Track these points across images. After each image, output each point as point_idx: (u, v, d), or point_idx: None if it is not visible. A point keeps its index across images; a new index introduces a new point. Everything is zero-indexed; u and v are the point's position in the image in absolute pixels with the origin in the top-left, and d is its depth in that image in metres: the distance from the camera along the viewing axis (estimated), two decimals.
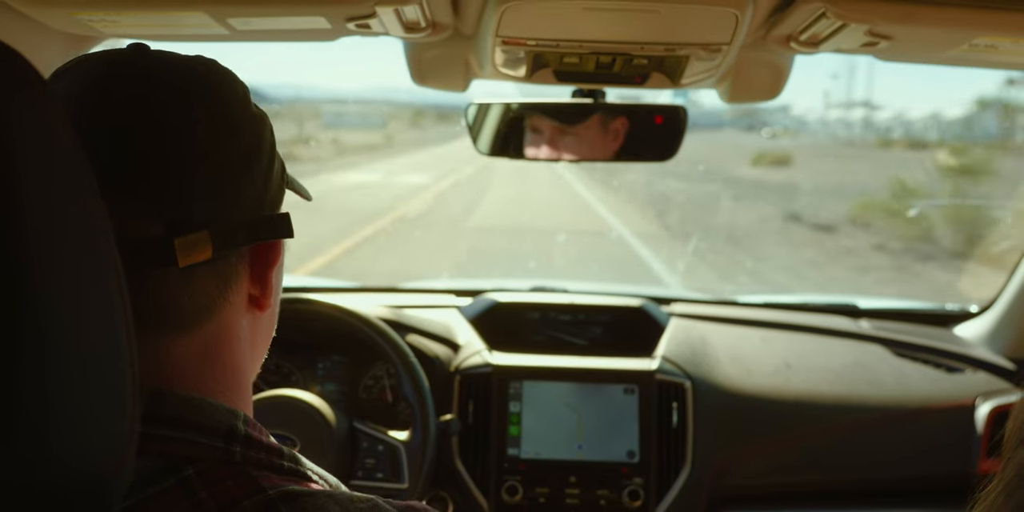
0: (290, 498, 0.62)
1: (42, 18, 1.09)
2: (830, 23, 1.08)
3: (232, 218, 0.67)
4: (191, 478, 0.62)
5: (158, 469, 0.62)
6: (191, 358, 0.68)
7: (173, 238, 0.63)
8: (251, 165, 0.69)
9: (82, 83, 0.66)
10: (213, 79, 0.69)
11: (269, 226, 0.70)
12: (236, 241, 0.67)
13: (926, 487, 1.78)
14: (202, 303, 0.67)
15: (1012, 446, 0.45)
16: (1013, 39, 1.10)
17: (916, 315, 2.18)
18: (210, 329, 0.69)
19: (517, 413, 1.71)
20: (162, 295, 0.65)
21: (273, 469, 0.66)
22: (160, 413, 0.63)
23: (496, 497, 1.67)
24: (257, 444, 0.67)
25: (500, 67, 1.33)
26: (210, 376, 0.69)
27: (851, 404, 1.79)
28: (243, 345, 0.73)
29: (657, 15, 1.08)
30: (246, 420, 0.68)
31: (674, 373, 1.75)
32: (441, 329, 1.84)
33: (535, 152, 1.50)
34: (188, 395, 0.66)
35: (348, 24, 1.11)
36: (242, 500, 0.61)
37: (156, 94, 0.66)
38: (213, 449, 0.64)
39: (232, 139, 0.67)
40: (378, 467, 1.60)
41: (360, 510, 0.64)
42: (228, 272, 0.68)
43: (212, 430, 0.65)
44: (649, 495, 1.66)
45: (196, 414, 0.65)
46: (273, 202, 0.72)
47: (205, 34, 1.16)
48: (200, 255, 0.64)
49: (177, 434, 0.63)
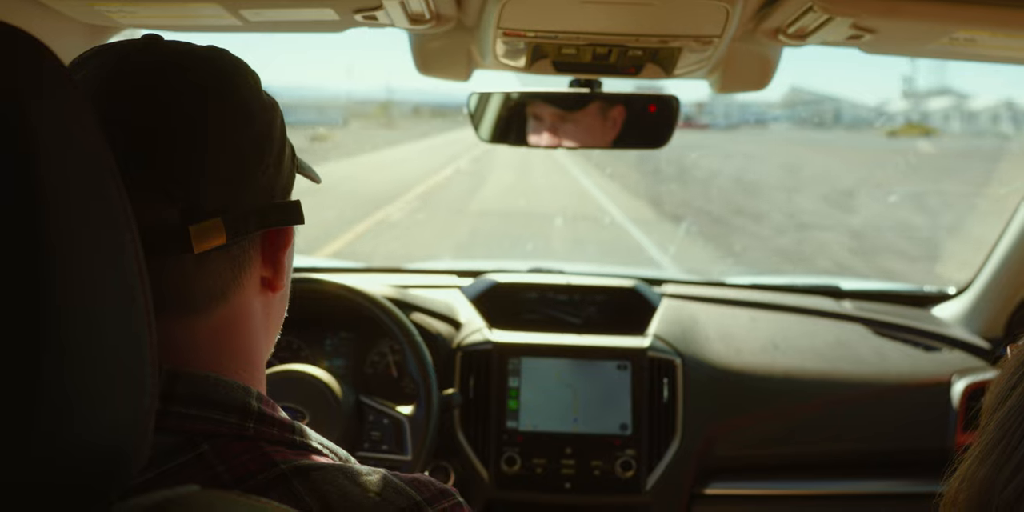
0: (302, 472, 0.63)
1: (64, 9, 1.10)
2: (817, 17, 1.08)
3: (244, 205, 0.66)
4: (207, 453, 0.62)
5: (176, 444, 0.62)
6: (207, 339, 0.68)
7: (187, 225, 0.63)
8: (262, 153, 0.68)
9: (98, 74, 0.66)
10: (225, 69, 0.68)
11: (279, 212, 0.70)
12: (248, 227, 0.67)
13: (904, 459, 1.80)
14: (216, 286, 0.67)
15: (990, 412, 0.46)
16: (991, 33, 1.10)
17: (896, 296, 2.19)
18: (224, 311, 0.68)
19: (516, 388, 1.73)
20: (178, 280, 0.65)
21: (285, 444, 0.67)
22: (177, 391, 0.64)
23: (496, 467, 1.68)
24: (270, 420, 0.67)
25: (501, 58, 1.33)
26: (225, 356, 0.69)
27: (834, 381, 1.80)
28: (256, 325, 0.72)
29: (652, 8, 1.08)
30: (259, 397, 0.68)
31: (665, 350, 1.76)
32: (444, 308, 1.85)
33: (537, 139, 1.50)
34: (204, 374, 0.66)
35: (356, 15, 1.11)
36: (256, 474, 0.62)
37: (169, 84, 0.65)
38: (228, 425, 0.64)
39: (243, 128, 0.67)
40: (383, 439, 1.61)
41: (369, 483, 0.64)
42: (241, 256, 0.68)
43: (227, 407, 0.65)
44: (641, 466, 1.68)
45: (212, 392, 0.65)
46: (284, 188, 0.72)
47: (219, 24, 1.16)
48: (214, 241, 0.64)
49: (194, 411, 0.63)
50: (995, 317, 1.98)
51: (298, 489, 0.61)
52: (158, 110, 0.64)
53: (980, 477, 0.44)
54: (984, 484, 0.43)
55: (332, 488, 0.62)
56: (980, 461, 0.44)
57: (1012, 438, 0.42)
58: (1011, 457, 0.42)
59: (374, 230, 10.50)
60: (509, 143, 1.53)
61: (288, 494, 0.61)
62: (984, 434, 0.45)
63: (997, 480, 0.42)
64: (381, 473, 0.66)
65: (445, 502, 0.66)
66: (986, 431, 0.45)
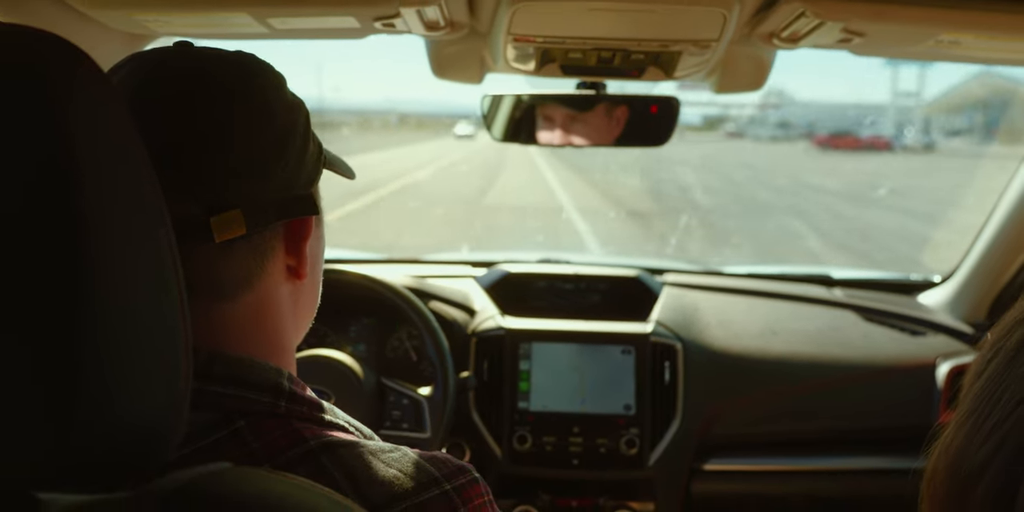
0: (329, 448, 0.63)
1: (103, 19, 1.10)
2: (809, 21, 1.07)
3: (264, 198, 0.67)
4: (242, 429, 0.63)
5: (213, 421, 0.63)
6: (238, 323, 0.68)
7: (209, 217, 0.63)
8: (284, 150, 0.68)
9: (134, 77, 0.66)
10: (250, 71, 0.69)
11: (297, 205, 0.70)
12: (267, 219, 0.67)
13: (892, 437, 1.79)
14: (241, 274, 0.67)
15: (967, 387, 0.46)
16: (975, 35, 1.10)
17: (884, 284, 2.18)
18: (251, 297, 0.69)
19: (527, 371, 1.73)
20: (205, 268, 0.65)
21: (314, 421, 0.67)
22: (214, 372, 0.64)
23: (508, 445, 1.69)
24: (300, 399, 0.67)
25: (511, 62, 1.33)
26: (256, 339, 0.69)
27: (825, 364, 1.79)
28: (284, 311, 0.72)
29: (653, 14, 1.08)
30: (290, 377, 0.68)
31: (666, 335, 1.76)
32: (459, 296, 1.86)
33: (548, 137, 1.50)
34: (239, 356, 0.66)
35: (375, 23, 1.11)
36: (287, 450, 0.62)
37: (197, 87, 0.65)
38: (261, 404, 0.65)
39: (266, 127, 0.67)
40: (403, 418, 1.62)
41: (391, 459, 0.64)
42: (264, 246, 0.68)
43: (260, 387, 0.65)
44: (644, 443, 1.68)
45: (246, 373, 0.66)
46: (307, 182, 0.72)
47: (248, 32, 1.16)
48: (235, 231, 0.64)
49: (230, 391, 0.64)
50: (978, 303, 1.97)
51: (325, 464, 0.62)
52: (188, 114, 0.64)
53: (954, 446, 0.44)
54: (957, 452, 0.43)
55: (358, 463, 0.63)
56: (955, 431, 0.44)
57: (984, 407, 0.43)
58: (983, 425, 0.42)
59: None
60: (520, 142, 1.52)
61: (316, 468, 0.62)
62: (961, 407, 0.45)
63: (968, 448, 0.42)
64: (403, 450, 0.66)
65: (462, 478, 0.67)
66: (963, 404, 0.45)
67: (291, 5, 1.04)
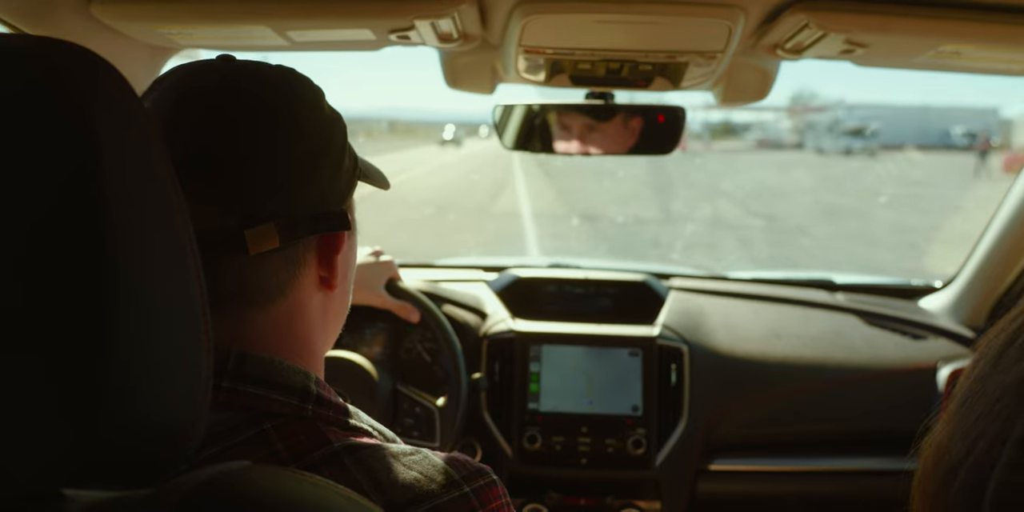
0: (353, 450, 0.63)
1: (128, 31, 1.11)
2: (812, 33, 1.07)
3: (297, 212, 0.66)
4: (269, 431, 0.63)
5: (241, 422, 0.63)
6: (269, 329, 0.68)
7: (243, 230, 0.63)
8: (319, 164, 0.68)
9: (175, 90, 0.66)
10: (289, 86, 0.68)
11: (329, 220, 0.69)
12: (300, 232, 0.66)
13: (893, 438, 1.78)
14: (273, 283, 0.67)
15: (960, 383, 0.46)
16: (975, 46, 1.09)
17: (886, 289, 2.16)
18: (284, 305, 0.69)
19: (537, 373, 1.73)
20: (239, 277, 0.65)
21: (339, 425, 0.67)
22: (246, 373, 0.64)
23: (518, 444, 1.68)
24: (326, 403, 0.67)
25: (522, 72, 1.33)
26: (286, 344, 0.69)
27: (828, 366, 1.78)
28: (315, 319, 0.72)
29: (660, 26, 1.08)
30: (317, 381, 0.69)
31: (673, 338, 1.76)
32: (471, 300, 1.86)
33: (565, 146, 1.49)
34: (270, 358, 0.66)
35: (390, 35, 1.11)
36: (312, 451, 0.62)
37: (234, 102, 0.65)
38: (290, 406, 0.65)
39: (301, 142, 0.66)
40: (416, 426, 1.61)
41: (412, 461, 0.65)
42: (296, 257, 0.68)
43: (289, 389, 0.65)
44: (651, 444, 1.67)
45: (276, 375, 0.66)
46: (341, 196, 0.71)
47: (268, 45, 1.17)
48: (268, 244, 0.64)
49: (260, 391, 0.64)
50: (978, 308, 1.95)
51: (348, 466, 0.62)
52: (226, 128, 0.64)
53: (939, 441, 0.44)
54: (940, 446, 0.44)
55: (379, 465, 0.63)
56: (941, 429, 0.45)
57: (967, 405, 0.43)
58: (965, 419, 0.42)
59: None
60: (534, 151, 1.52)
61: (339, 470, 0.62)
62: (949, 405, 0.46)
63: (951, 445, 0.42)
64: (424, 452, 0.66)
65: (481, 480, 0.67)
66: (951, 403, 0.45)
67: (310, 18, 1.04)
